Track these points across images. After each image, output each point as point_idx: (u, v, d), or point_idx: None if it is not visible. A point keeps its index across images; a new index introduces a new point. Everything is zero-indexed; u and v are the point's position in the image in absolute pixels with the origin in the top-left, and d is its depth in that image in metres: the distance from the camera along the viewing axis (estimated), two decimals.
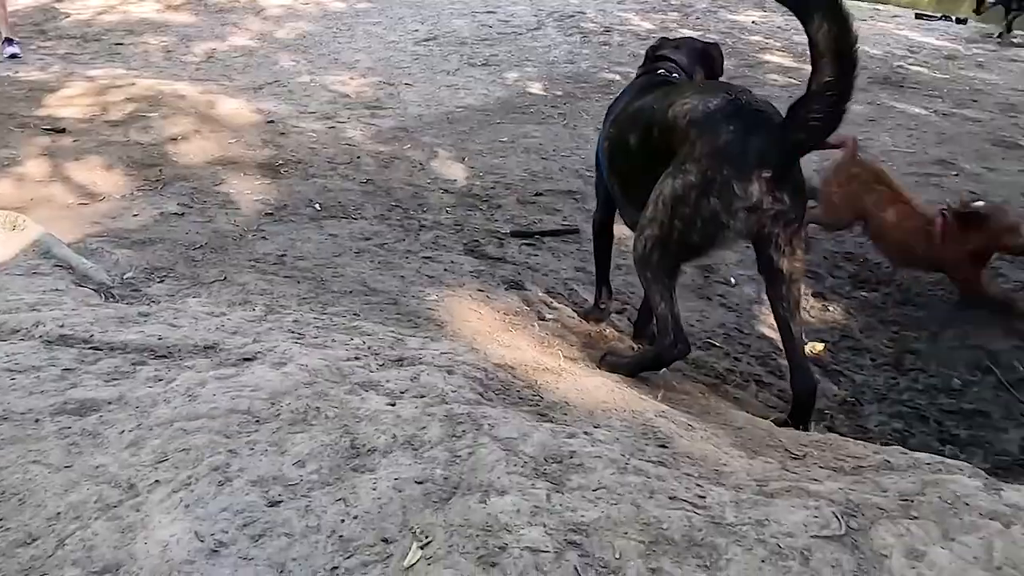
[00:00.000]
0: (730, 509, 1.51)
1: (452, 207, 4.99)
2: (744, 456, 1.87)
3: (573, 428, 1.83)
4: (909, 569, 1.37)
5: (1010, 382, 3.97)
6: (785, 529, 1.45)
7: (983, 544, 1.42)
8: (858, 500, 1.55)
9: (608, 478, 1.58)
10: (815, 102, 2.26)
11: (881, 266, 4.82)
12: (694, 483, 1.61)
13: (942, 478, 1.65)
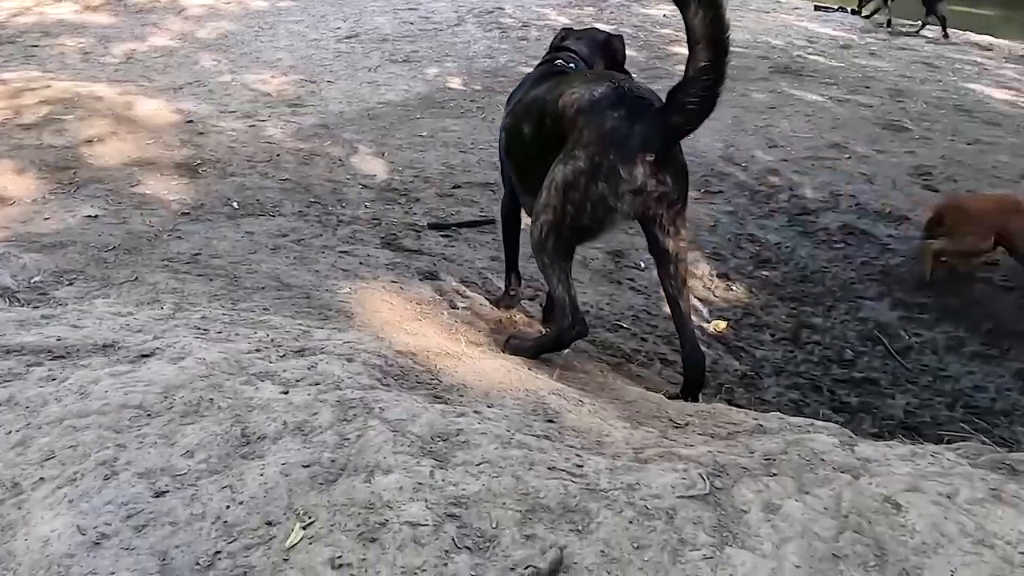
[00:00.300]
0: (605, 476, 1.56)
1: (371, 202, 4.98)
2: (628, 427, 1.93)
3: (464, 408, 1.86)
4: (764, 522, 1.44)
5: (897, 350, 4.14)
6: (654, 491, 1.50)
7: (833, 495, 1.50)
8: (724, 461, 1.62)
9: (492, 453, 1.62)
10: (692, 87, 2.34)
11: (780, 246, 4.96)
12: (574, 454, 1.66)
13: (803, 437, 1.73)
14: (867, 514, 1.45)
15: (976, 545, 1.37)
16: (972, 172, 5.54)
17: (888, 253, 4.86)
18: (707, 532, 1.40)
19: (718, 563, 1.33)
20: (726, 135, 6.25)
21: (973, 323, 4.31)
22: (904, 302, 4.50)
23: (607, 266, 4.55)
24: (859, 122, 6.40)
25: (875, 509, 1.46)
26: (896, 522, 1.43)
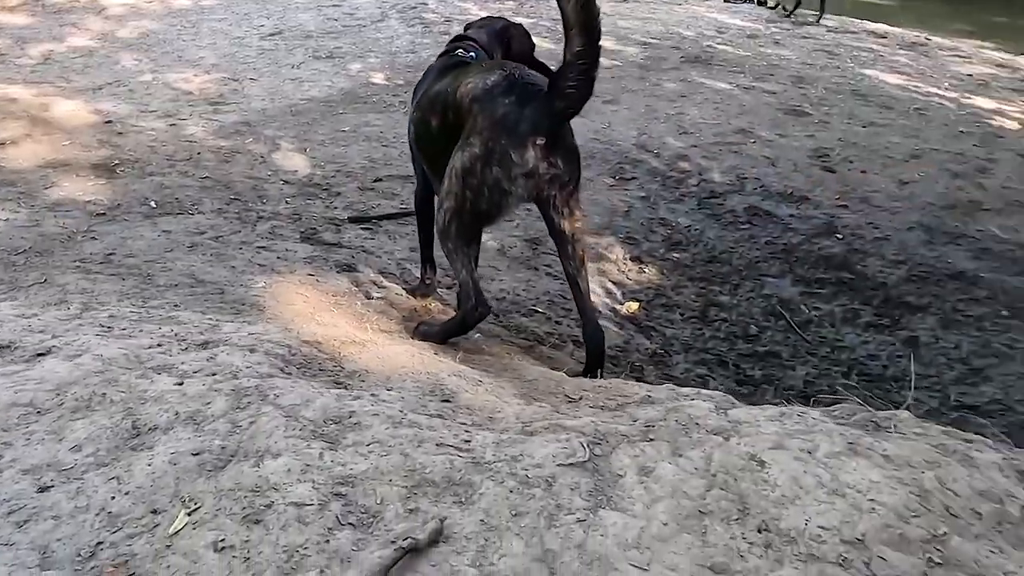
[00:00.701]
0: (491, 449, 1.58)
1: (292, 197, 4.91)
2: (522, 403, 1.96)
3: (361, 392, 1.87)
4: (638, 484, 1.48)
5: (798, 324, 4.26)
6: (535, 461, 1.53)
7: (704, 456, 1.55)
8: (605, 430, 1.66)
9: (382, 433, 1.63)
10: (570, 71, 2.39)
11: (690, 229, 5.05)
12: (464, 430, 1.68)
13: (682, 404, 1.78)
14: (734, 472, 1.50)
15: (830, 495, 1.43)
16: (866, 153, 5.72)
17: (790, 232, 4.98)
18: (583, 497, 1.43)
19: (590, 525, 1.36)
20: (639, 124, 6.32)
21: (867, 296, 4.46)
22: (804, 278, 4.63)
23: (525, 253, 4.57)
24: (763, 108, 6.53)
25: (741, 467, 1.51)
26: (760, 477, 1.48)
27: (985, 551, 1.34)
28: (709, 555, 1.30)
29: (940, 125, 6.25)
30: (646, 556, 1.29)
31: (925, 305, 4.37)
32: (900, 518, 1.37)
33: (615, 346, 3.86)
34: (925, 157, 5.69)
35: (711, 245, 4.93)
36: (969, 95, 7.08)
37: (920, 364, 4.02)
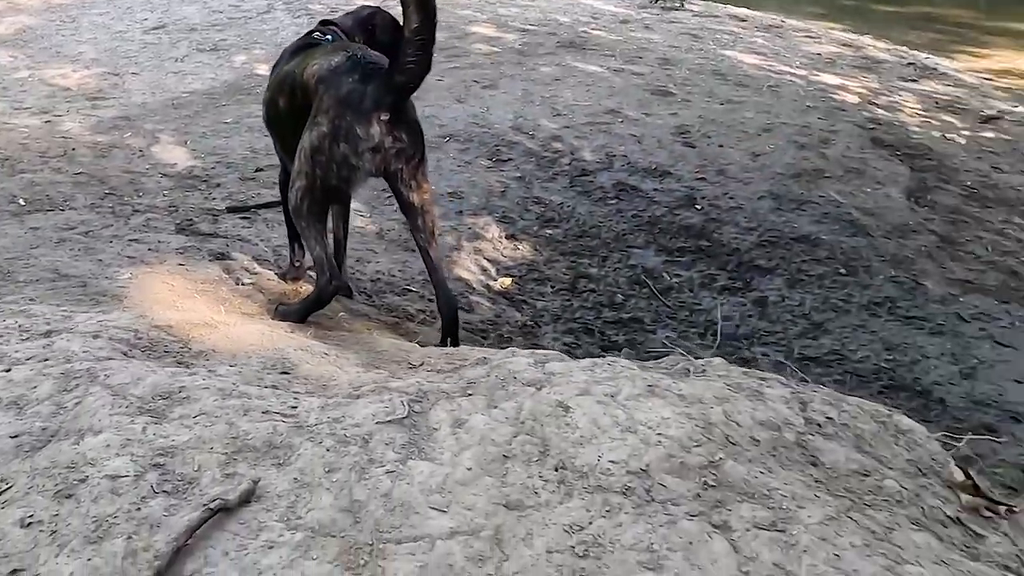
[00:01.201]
0: (315, 413, 1.60)
1: (169, 190, 4.77)
2: (362, 371, 1.97)
3: (199, 368, 1.85)
4: (451, 436, 1.52)
5: (660, 291, 4.40)
6: (355, 421, 1.56)
7: (515, 406, 1.60)
8: (428, 389, 1.69)
9: (210, 405, 1.62)
10: (409, 47, 2.42)
11: (563, 206, 5.13)
12: (293, 398, 1.68)
13: (504, 361, 1.83)
14: (540, 418, 1.56)
15: (623, 432, 1.50)
16: (723, 129, 5.91)
17: (654, 205, 5.11)
18: (396, 451, 1.46)
19: (399, 475, 1.39)
20: (516, 107, 6.36)
21: (722, 261, 4.64)
22: (666, 248, 4.77)
23: (402, 236, 4.56)
24: (632, 89, 6.66)
25: (548, 413, 1.57)
26: (563, 422, 1.54)
27: (756, 472, 1.43)
28: (506, 494, 1.35)
29: (790, 100, 6.51)
30: (447, 499, 1.34)
31: (773, 267, 4.57)
32: (683, 448, 1.45)
33: (487, 320, 3.91)
34: (775, 131, 5.92)
35: (582, 220, 5.01)
36: (817, 72, 7.39)
37: (767, 321, 4.21)
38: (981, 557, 1.36)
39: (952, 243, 4.85)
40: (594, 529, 1.27)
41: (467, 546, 1.24)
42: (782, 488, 1.39)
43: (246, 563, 1.22)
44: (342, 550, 1.23)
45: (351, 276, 3.95)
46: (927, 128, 6.28)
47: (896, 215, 5.05)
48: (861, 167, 5.50)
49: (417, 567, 1.21)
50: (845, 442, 1.61)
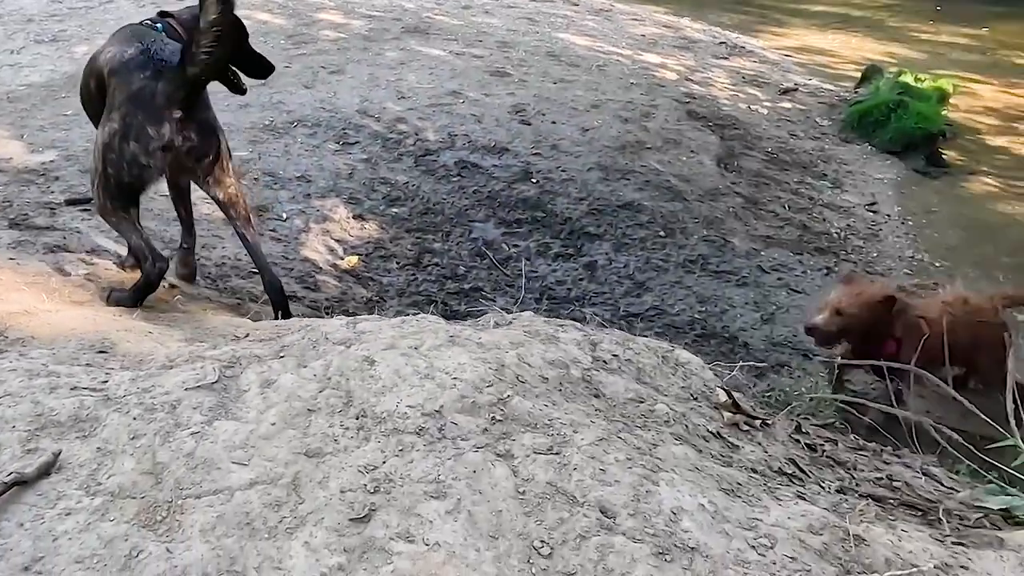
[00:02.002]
0: (124, 386, 1.56)
1: (4, 185, 4.42)
2: (184, 344, 1.93)
3: (10, 353, 1.76)
4: (259, 396, 1.52)
5: (499, 261, 4.49)
6: (165, 390, 1.53)
7: (324, 364, 1.62)
8: (242, 354, 1.68)
9: (15, 386, 1.55)
10: (203, 38, 2.33)
11: (408, 185, 5.11)
12: (103, 372, 1.63)
13: (319, 324, 1.84)
14: (347, 373, 1.58)
15: (422, 379, 1.55)
16: (556, 106, 6.04)
17: (493, 180, 5.18)
18: (203, 413, 1.45)
19: (203, 435, 1.39)
20: (361, 91, 6.26)
21: (556, 230, 4.77)
22: (505, 220, 4.85)
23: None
24: (472, 71, 6.69)
25: (354, 368, 1.59)
26: (368, 375, 1.57)
27: (540, 405, 1.52)
28: (307, 443, 1.38)
29: (616, 79, 6.73)
30: (249, 453, 1.34)
31: (601, 234, 4.75)
32: (475, 389, 1.52)
33: (332, 298, 3.87)
34: (603, 107, 6.11)
35: (426, 198, 5.01)
36: (641, 52, 7.67)
37: (596, 284, 4.38)
38: (734, 464, 1.50)
39: (756, 203, 5.20)
40: (386, 468, 1.31)
41: (265, 494, 1.26)
42: (563, 418, 1.47)
43: (41, 531, 1.19)
44: (141, 509, 1.22)
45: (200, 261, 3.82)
46: (735, 101, 6.67)
47: (708, 180, 5.35)
48: (678, 138, 5.79)
49: (214, 517, 1.22)
50: (627, 375, 1.72)
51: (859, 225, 5.11)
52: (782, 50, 8.62)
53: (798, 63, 8.17)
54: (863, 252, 4.82)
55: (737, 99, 6.69)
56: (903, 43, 8.95)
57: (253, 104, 5.89)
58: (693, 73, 7.20)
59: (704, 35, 8.67)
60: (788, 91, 6.97)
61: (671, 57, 7.59)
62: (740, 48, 8.31)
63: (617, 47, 7.71)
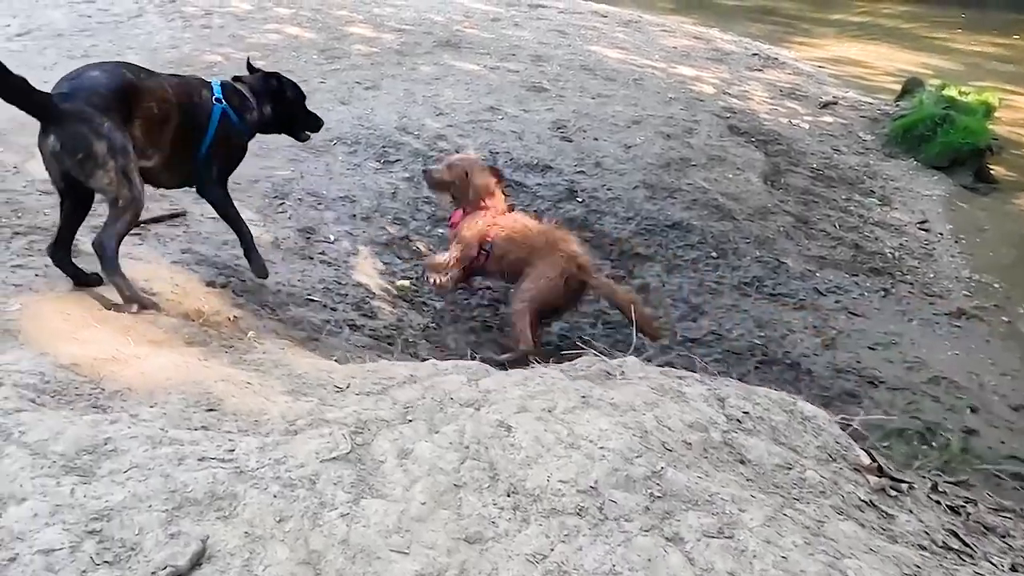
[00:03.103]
0: (254, 456, 1.48)
1: (51, 208, 4.33)
2: (290, 399, 1.86)
3: (119, 414, 1.68)
4: (398, 467, 1.45)
5: None
6: (299, 461, 1.45)
7: (458, 429, 1.54)
8: (367, 417, 1.61)
9: (140, 456, 1.47)
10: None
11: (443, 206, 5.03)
12: (228, 439, 1.56)
13: (438, 380, 1.76)
14: (484, 440, 1.51)
15: (567, 448, 1.47)
16: (596, 122, 5.98)
17: (538, 199, 5.11)
18: (345, 490, 1.38)
19: (353, 517, 1.31)
20: (399, 108, 6.21)
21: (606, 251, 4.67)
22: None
23: (298, 244, 4.35)
24: (509, 86, 6.63)
25: (491, 435, 1.52)
26: (507, 442, 1.50)
27: (694, 477, 1.44)
28: (464, 527, 1.30)
29: (654, 93, 6.66)
30: (406, 539, 1.27)
31: (652, 255, 4.67)
32: (625, 460, 1.44)
33: (390, 325, 3.78)
34: (644, 123, 6.04)
35: None
36: (674, 65, 7.60)
37: (651, 307, 4.29)
38: (898, 539, 1.41)
39: (806, 222, 5.11)
40: (556, 556, 1.23)
41: None
42: (722, 492, 1.40)
43: None
44: None
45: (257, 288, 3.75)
46: (775, 115, 6.59)
47: (756, 198, 5.27)
48: (722, 154, 5.71)
49: None
50: (763, 435, 1.64)
51: (912, 244, 5.02)
52: (814, 61, 8.53)
53: (832, 75, 8.09)
54: (919, 272, 4.72)
55: (777, 113, 6.61)
56: (936, 53, 8.86)
57: None
58: (729, 86, 7.12)
59: (735, 46, 8.59)
60: (828, 105, 6.88)
61: (705, 70, 7.51)
62: (773, 60, 8.23)
63: (650, 60, 7.64)
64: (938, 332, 4.19)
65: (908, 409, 3.65)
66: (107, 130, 2.73)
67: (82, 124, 2.71)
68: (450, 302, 4.17)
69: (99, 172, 2.76)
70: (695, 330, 4.17)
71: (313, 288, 3.91)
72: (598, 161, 5.53)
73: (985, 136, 5.97)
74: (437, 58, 7.29)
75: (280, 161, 5.26)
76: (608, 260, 4.62)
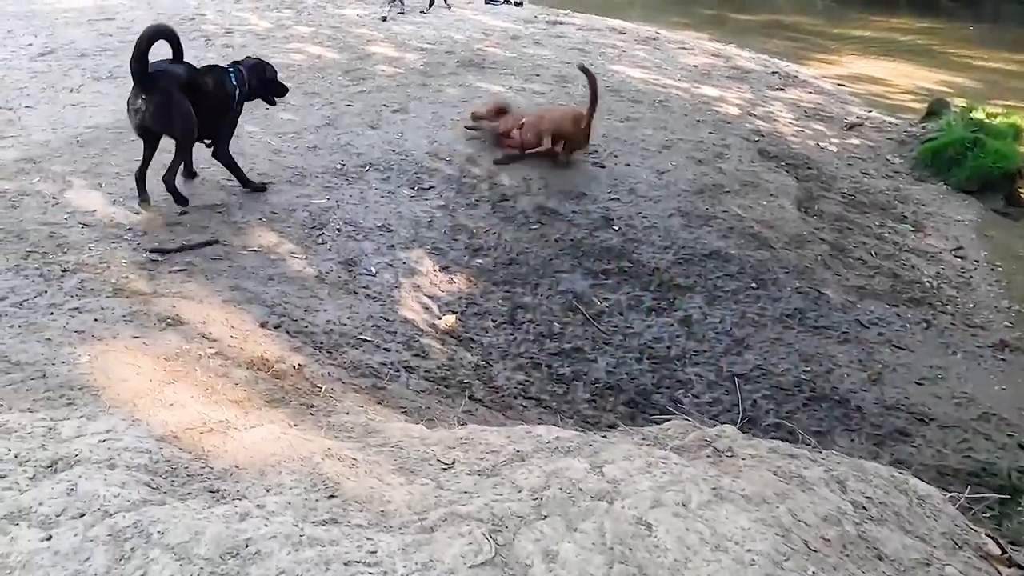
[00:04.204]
0: (399, 559, 1.48)
1: (95, 242, 4.30)
2: (405, 482, 1.85)
3: (246, 504, 1.67)
4: (548, 573, 1.45)
5: (592, 316, 4.40)
6: (447, 567, 1.45)
7: (597, 527, 1.54)
8: (501, 512, 1.60)
9: (286, 561, 1.47)
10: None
11: (489, 233, 5.02)
12: (364, 538, 1.55)
13: (559, 467, 1.76)
14: (627, 541, 1.50)
15: (714, 551, 1.47)
16: (627, 147, 5.96)
17: (575, 228, 5.10)
18: None
19: None
20: (428, 131, 6.19)
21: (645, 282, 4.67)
22: (592, 271, 4.76)
23: (342, 277, 4.35)
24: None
25: (632, 534, 1.52)
26: (651, 543, 1.50)
27: None
28: None
29: (681, 115, 6.65)
30: None
31: (692, 285, 4.67)
32: (775, 564, 1.44)
33: (442, 365, 3.77)
34: (674, 147, 6.04)
35: (509, 247, 4.92)
36: (697, 84, 7.60)
37: (695, 340, 4.29)
38: None
39: (842, 251, 5.12)
40: None
41: None
42: None
43: None
44: None
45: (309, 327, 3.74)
46: (802, 138, 6.60)
47: (791, 226, 5.28)
48: (755, 180, 5.71)
49: None
50: (892, 524, 1.65)
51: (949, 272, 5.03)
52: (833, 79, 8.56)
53: (853, 93, 8.11)
54: (958, 302, 4.74)
55: (804, 136, 6.62)
56: (953, 70, 8.89)
57: (321, 146, 5.83)
58: (754, 107, 7.13)
59: (755, 64, 8.61)
60: (854, 126, 6.90)
61: (728, 89, 7.52)
62: (793, 78, 8.25)
63: (673, 79, 7.64)
64: (983, 366, 4.21)
65: (960, 448, 3.67)
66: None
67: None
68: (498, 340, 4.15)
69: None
70: (740, 364, 4.18)
71: (363, 326, 3.90)
72: (632, 188, 5.52)
73: (1016, 160, 6.00)
74: (462, 79, 7.28)
75: (315, 188, 5.25)
76: (647, 291, 4.61)
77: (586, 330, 4.35)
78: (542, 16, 9.69)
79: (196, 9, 9.65)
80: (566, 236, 5.06)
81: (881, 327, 4.47)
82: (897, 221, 5.54)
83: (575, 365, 4.06)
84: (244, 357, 3.20)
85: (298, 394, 2.76)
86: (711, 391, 4.02)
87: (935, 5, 11.26)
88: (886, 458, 3.62)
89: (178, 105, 4.50)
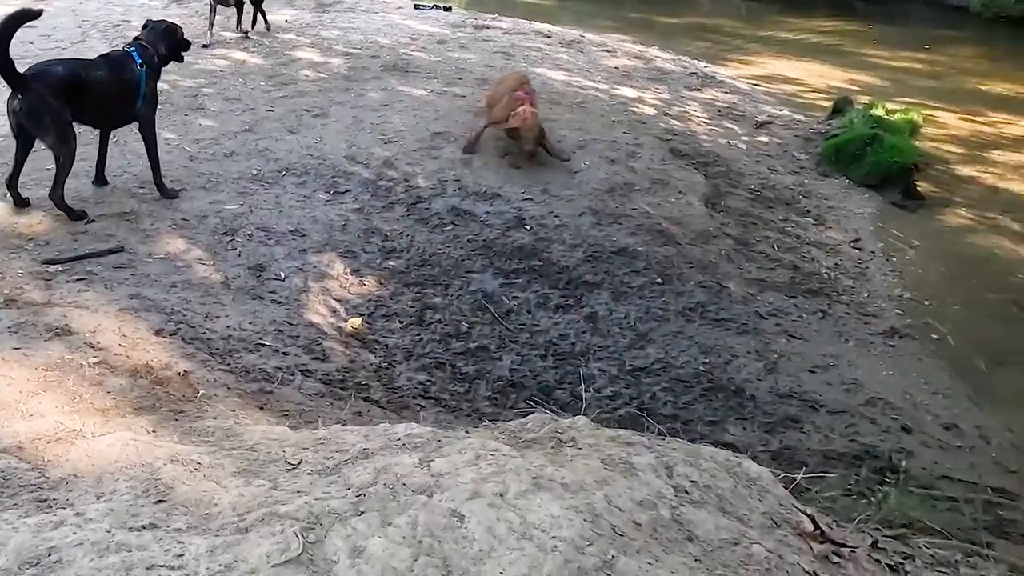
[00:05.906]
0: (204, 560, 1.45)
1: None
2: (241, 483, 1.82)
3: (64, 512, 1.62)
4: (351, 568, 1.43)
5: (500, 315, 4.39)
6: (250, 566, 1.42)
7: (410, 521, 1.53)
8: (318, 511, 1.58)
9: (87, 568, 1.42)
10: None
11: (402, 235, 4.98)
12: (176, 541, 1.52)
13: (390, 463, 1.75)
14: (437, 533, 1.49)
15: (520, 540, 1.47)
16: None
17: (487, 228, 5.09)
18: None
19: None
20: (347, 136, 6.13)
21: (554, 280, 4.68)
22: (503, 270, 4.75)
23: (249, 283, 4.26)
24: (456, 112, 6.60)
25: (443, 526, 1.51)
26: (460, 535, 1.49)
27: (645, 564, 1.45)
28: None
29: (597, 116, 6.69)
30: None
31: (599, 282, 4.69)
32: (577, 550, 1.44)
33: (342, 368, 3.72)
34: (588, 147, 6.07)
35: (422, 249, 4.88)
36: (617, 86, 7.66)
37: (600, 336, 4.30)
38: None
39: (746, 244, 5.20)
40: None
41: None
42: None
43: None
44: None
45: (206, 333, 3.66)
46: (714, 136, 6.69)
47: (698, 222, 5.34)
48: (665, 178, 5.77)
49: None
50: (711, 506, 1.67)
51: (846, 263, 5.15)
52: (750, 79, 8.69)
53: (767, 92, 8.25)
54: (854, 292, 4.85)
55: (716, 134, 6.72)
56: (862, 69, 9.11)
57: (239, 152, 5.73)
58: (670, 107, 7.21)
59: (674, 65, 8.71)
60: (764, 124, 7.02)
61: (647, 90, 7.59)
62: (711, 78, 8.36)
63: (593, 81, 7.69)
64: (873, 352, 4.31)
65: (847, 433, 3.74)
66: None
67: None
68: (403, 341, 4.12)
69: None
70: (643, 358, 4.20)
71: (264, 331, 3.83)
72: (545, 187, 5.54)
73: (912, 154, 6.17)
74: (385, 83, 7.23)
75: (229, 194, 5.15)
76: (556, 289, 4.62)
77: (493, 329, 4.34)
78: (470, 20, 9.67)
79: (122, 16, 9.43)
80: (479, 236, 5.04)
81: (779, 318, 4.55)
82: (800, 215, 5.65)
83: (479, 364, 4.05)
84: (128, 365, 3.12)
85: (171, 400, 2.69)
86: (612, 385, 4.04)
87: (849, 6, 11.53)
88: (775, 444, 3.68)
89: (51, 110, 4.26)
